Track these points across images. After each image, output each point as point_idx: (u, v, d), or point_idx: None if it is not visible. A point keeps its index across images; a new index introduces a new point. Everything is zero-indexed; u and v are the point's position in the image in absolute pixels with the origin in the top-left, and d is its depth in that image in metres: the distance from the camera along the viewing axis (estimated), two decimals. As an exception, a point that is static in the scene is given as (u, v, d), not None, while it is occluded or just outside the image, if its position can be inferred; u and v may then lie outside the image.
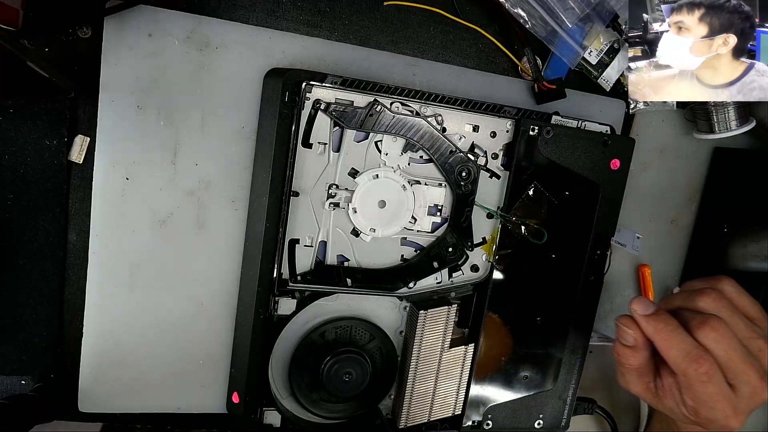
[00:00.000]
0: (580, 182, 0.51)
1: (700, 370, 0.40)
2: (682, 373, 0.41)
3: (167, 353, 0.48)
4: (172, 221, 0.46)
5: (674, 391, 0.44)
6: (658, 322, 0.42)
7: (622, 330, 0.45)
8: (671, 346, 0.41)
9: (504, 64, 0.53)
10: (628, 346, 0.44)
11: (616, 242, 0.59)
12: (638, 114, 0.57)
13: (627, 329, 0.44)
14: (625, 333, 0.44)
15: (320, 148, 0.45)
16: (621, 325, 0.45)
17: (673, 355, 0.41)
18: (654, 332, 0.42)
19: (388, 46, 0.50)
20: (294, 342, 0.48)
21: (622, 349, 0.45)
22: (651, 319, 0.43)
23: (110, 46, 0.43)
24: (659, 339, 0.42)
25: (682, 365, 0.41)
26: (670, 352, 0.41)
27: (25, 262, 0.44)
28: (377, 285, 0.48)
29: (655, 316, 0.43)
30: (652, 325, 0.43)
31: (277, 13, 0.47)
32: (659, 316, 0.43)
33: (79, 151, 0.44)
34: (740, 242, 0.58)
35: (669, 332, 0.42)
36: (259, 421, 0.47)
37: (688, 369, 0.41)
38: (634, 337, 0.44)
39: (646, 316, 0.43)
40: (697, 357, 0.40)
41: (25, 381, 0.46)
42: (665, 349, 0.42)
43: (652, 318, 0.43)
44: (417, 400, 0.51)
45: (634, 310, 0.44)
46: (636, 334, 0.44)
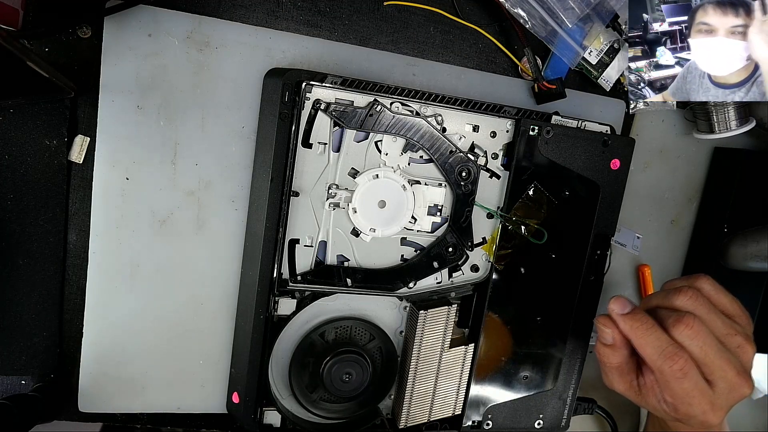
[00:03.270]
0: (580, 182, 0.51)
1: (674, 366, 0.41)
2: (658, 370, 0.42)
3: (167, 353, 0.48)
4: (172, 221, 0.46)
5: (655, 389, 0.45)
6: (634, 321, 0.43)
7: (601, 329, 0.46)
8: (647, 344, 0.42)
9: (504, 64, 0.53)
10: (608, 345, 0.46)
11: (616, 242, 0.59)
12: (638, 114, 0.58)
13: (605, 328, 0.45)
14: (604, 332, 0.45)
15: (320, 148, 0.45)
16: (599, 324, 0.46)
17: (649, 352, 0.42)
18: (630, 330, 0.43)
19: (388, 46, 0.50)
20: (294, 342, 0.48)
21: (603, 348, 0.46)
22: (627, 318, 0.44)
23: (110, 46, 0.43)
24: (635, 337, 0.43)
25: (657, 362, 0.42)
26: (646, 349, 0.42)
27: (25, 262, 0.44)
28: (377, 285, 0.48)
29: (632, 315, 0.44)
30: (628, 324, 0.44)
31: (277, 13, 0.47)
32: (635, 314, 0.44)
33: (79, 151, 0.44)
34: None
35: (644, 330, 0.43)
36: (259, 421, 0.47)
37: (663, 366, 0.42)
38: (612, 335, 0.45)
39: (623, 315, 0.44)
40: (672, 354, 0.41)
41: (25, 381, 0.46)
42: (641, 346, 0.43)
43: (629, 317, 0.44)
44: (417, 400, 0.51)
45: (611, 309, 0.45)
46: (614, 332, 0.45)
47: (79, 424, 0.47)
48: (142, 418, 0.49)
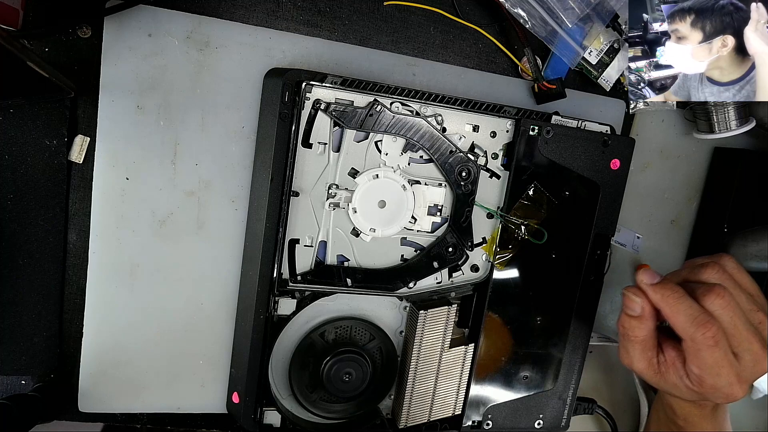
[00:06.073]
0: (580, 182, 0.51)
1: (707, 334, 0.41)
2: (690, 338, 0.42)
3: (167, 353, 0.48)
4: (172, 221, 0.46)
5: (677, 364, 0.44)
6: (665, 290, 0.43)
7: (630, 299, 0.45)
8: (679, 312, 0.42)
9: (504, 64, 0.53)
10: (634, 316, 0.45)
11: (616, 242, 0.59)
12: (638, 114, 0.58)
13: (635, 297, 0.44)
14: (633, 302, 0.44)
15: (320, 148, 0.45)
16: (629, 293, 0.45)
17: (681, 320, 0.42)
18: (661, 299, 0.43)
19: (388, 46, 0.50)
20: (294, 342, 0.48)
21: (628, 321, 0.45)
22: (658, 287, 0.43)
23: (110, 46, 0.43)
24: (666, 305, 0.43)
25: (689, 330, 0.42)
26: (678, 317, 0.42)
27: (25, 262, 0.44)
28: (377, 285, 0.48)
29: (662, 284, 0.43)
30: (659, 293, 0.43)
31: (277, 13, 0.47)
32: (666, 284, 0.43)
33: (79, 151, 0.44)
34: (740, 242, 0.58)
35: (676, 299, 0.42)
36: (259, 421, 0.47)
37: (695, 334, 0.41)
38: (641, 305, 0.44)
39: (653, 285, 0.44)
40: (705, 321, 0.41)
41: (25, 381, 0.46)
42: (673, 314, 0.42)
43: (659, 286, 0.43)
44: (417, 400, 0.51)
45: (640, 280, 0.44)
46: (643, 302, 0.44)
47: (79, 424, 0.47)
48: (142, 418, 0.49)
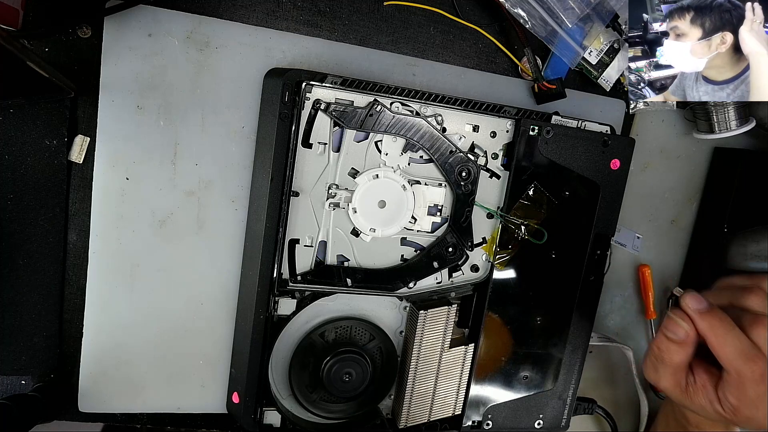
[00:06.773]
0: (580, 182, 0.51)
1: (756, 369, 0.40)
2: (736, 371, 0.41)
3: (167, 353, 0.48)
4: (172, 221, 0.46)
5: (708, 388, 0.43)
6: (713, 319, 0.42)
7: (675, 324, 0.43)
8: (726, 344, 0.41)
9: (504, 64, 0.53)
10: (675, 341, 0.43)
11: (616, 242, 0.59)
12: (638, 114, 0.58)
13: (682, 322, 0.43)
14: (678, 327, 0.43)
15: (320, 148, 0.45)
16: (675, 317, 0.43)
17: (728, 352, 0.41)
18: (708, 328, 0.42)
19: (388, 46, 0.50)
20: (294, 342, 0.48)
21: (667, 344, 0.44)
22: (706, 315, 0.42)
23: (110, 46, 0.43)
24: (714, 336, 0.41)
25: (736, 363, 0.40)
26: (725, 349, 0.41)
27: (25, 262, 0.44)
28: (377, 285, 0.48)
29: (711, 313, 0.42)
30: (707, 321, 0.42)
31: (277, 13, 0.47)
32: (714, 312, 0.42)
33: (79, 151, 0.44)
34: (740, 242, 0.58)
35: (724, 330, 0.41)
36: (259, 421, 0.47)
37: (743, 368, 0.40)
38: (686, 331, 0.43)
39: (700, 313, 0.42)
40: (754, 356, 0.40)
41: (25, 381, 0.46)
42: (719, 346, 0.41)
43: (708, 314, 0.42)
44: (417, 400, 0.51)
45: (687, 305, 0.43)
46: (689, 329, 0.43)
47: (79, 424, 0.47)
48: (142, 418, 0.49)
